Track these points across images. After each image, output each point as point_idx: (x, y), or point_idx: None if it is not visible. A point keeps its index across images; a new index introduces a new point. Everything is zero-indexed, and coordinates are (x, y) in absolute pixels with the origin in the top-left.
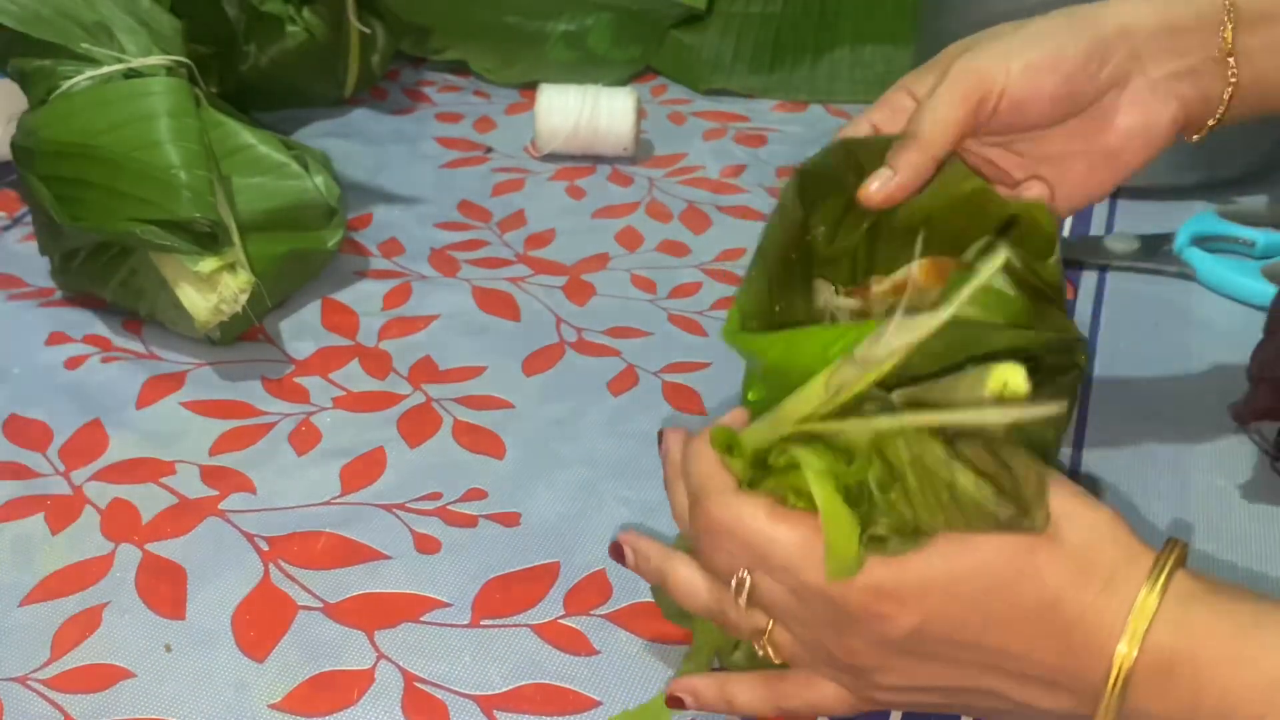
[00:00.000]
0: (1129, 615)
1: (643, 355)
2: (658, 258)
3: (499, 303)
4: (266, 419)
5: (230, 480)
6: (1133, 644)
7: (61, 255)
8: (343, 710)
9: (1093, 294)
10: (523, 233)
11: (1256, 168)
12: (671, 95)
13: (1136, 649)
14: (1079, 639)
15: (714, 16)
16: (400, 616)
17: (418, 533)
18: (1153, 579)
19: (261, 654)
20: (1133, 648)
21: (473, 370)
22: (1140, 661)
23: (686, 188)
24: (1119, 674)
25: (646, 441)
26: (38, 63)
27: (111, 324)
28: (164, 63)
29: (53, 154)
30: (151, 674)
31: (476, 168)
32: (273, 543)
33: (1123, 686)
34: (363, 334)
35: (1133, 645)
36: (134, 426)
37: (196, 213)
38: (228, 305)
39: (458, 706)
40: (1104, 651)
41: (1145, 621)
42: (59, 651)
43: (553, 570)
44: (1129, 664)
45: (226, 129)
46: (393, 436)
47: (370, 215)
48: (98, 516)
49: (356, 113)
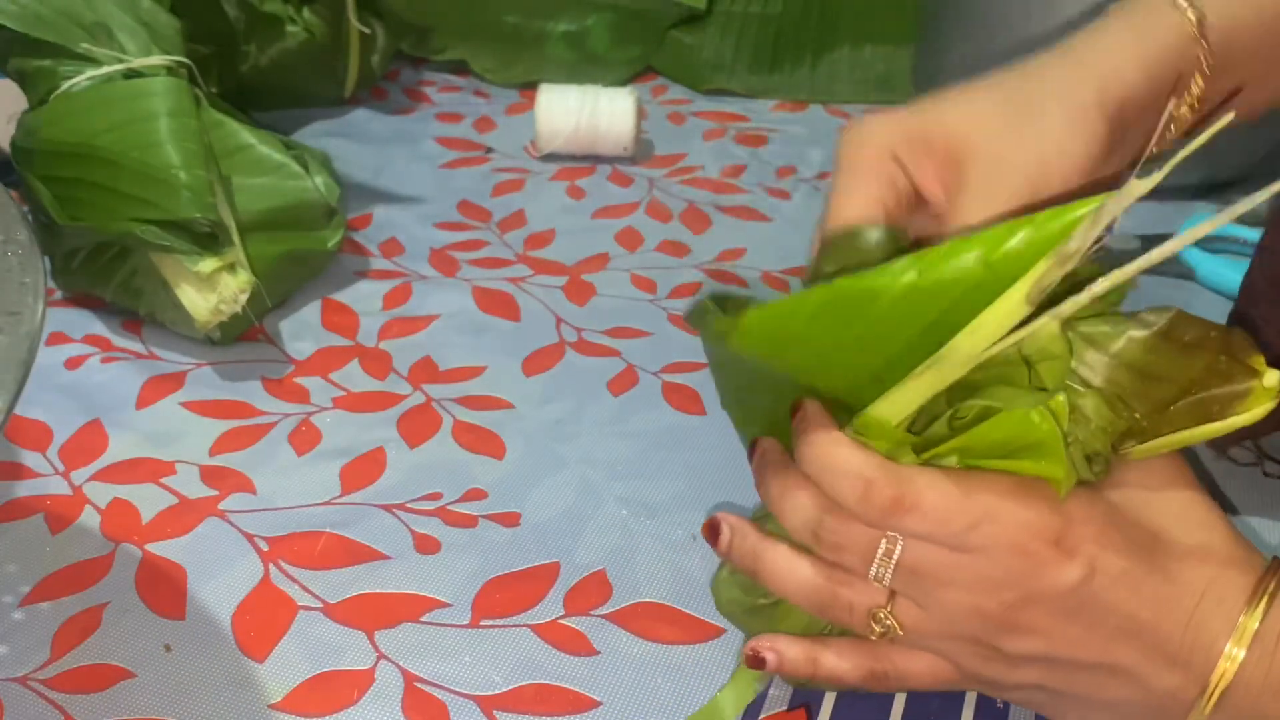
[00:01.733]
0: (1255, 591)
1: (643, 355)
2: (658, 258)
3: (499, 303)
4: (266, 419)
5: (230, 480)
6: (1254, 616)
7: (61, 255)
8: (343, 710)
9: None
10: (523, 233)
11: (1256, 168)
12: (671, 95)
13: (1259, 621)
14: (1210, 605)
15: (714, 16)
16: (400, 616)
17: (418, 533)
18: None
19: (261, 654)
20: (1254, 619)
21: (473, 370)
22: (1262, 631)
23: (686, 188)
24: (1240, 637)
25: (646, 441)
26: (38, 63)
27: (111, 324)
28: (164, 63)
29: (53, 154)
30: (151, 674)
31: (476, 168)
32: (273, 543)
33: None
34: (363, 334)
35: (1254, 617)
36: (134, 426)
37: (196, 213)
38: (228, 305)
39: (458, 706)
40: (1229, 616)
41: (1271, 597)
42: (59, 651)
43: (553, 570)
44: (1251, 631)
45: (226, 129)
46: (393, 436)
47: (370, 215)
48: (98, 516)
49: (356, 113)
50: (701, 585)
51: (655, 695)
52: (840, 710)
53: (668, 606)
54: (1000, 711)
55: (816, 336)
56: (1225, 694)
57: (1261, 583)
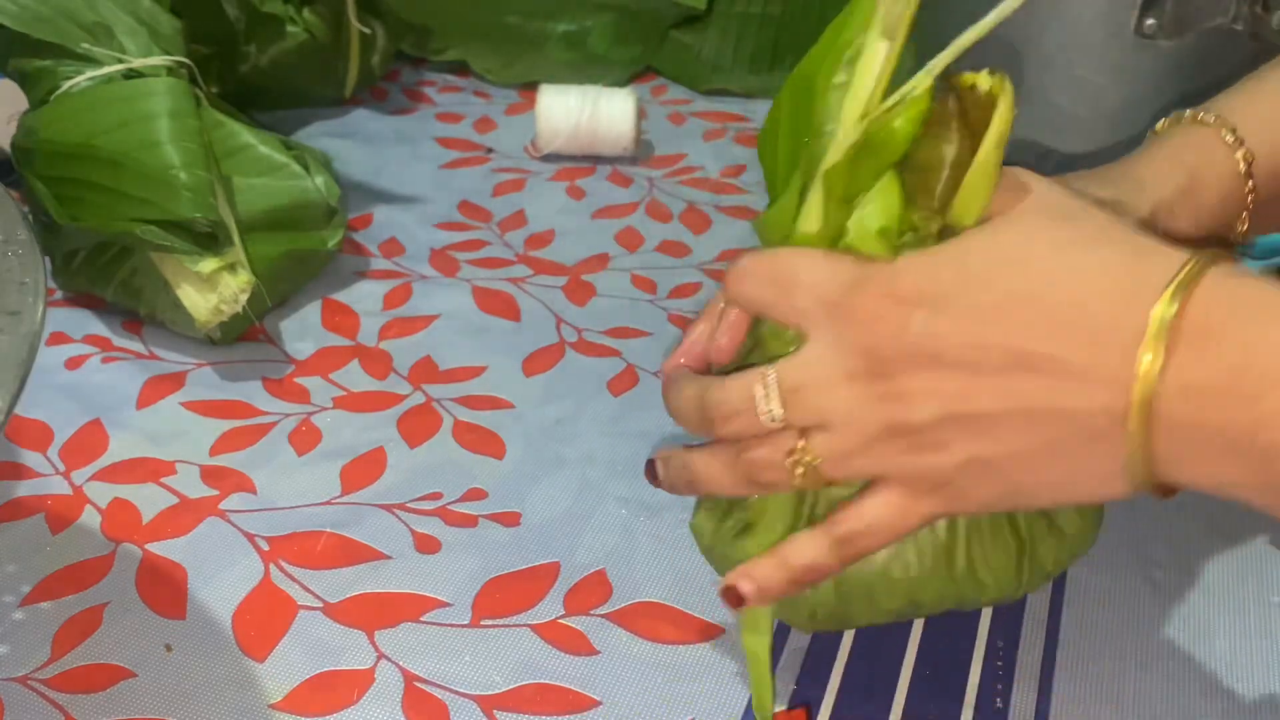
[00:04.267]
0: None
1: (643, 355)
2: (658, 258)
3: (499, 303)
4: (266, 419)
5: (230, 480)
6: (1170, 305)
7: (62, 255)
8: (343, 710)
9: None
10: (523, 233)
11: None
12: (671, 95)
13: (1175, 307)
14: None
15: (714, 17)
16: (400, 616)
17: (418, 533)
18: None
19: (262, 654)
20: (1170, 307)
21: (473, 370)
22: (1182, 324)
23: (686, 188)
24: (1155, 335)
25: (647, 441)
26: (38, 63)
27: (111, 324)
28: (164, 63)
29: (53, 154)
30: (152, 674)
31: (477, 168)
32: (273, 543)
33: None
34: (363, 334)
35: (1170, 305)
36: (134, 426)
37: (196, 213)
38: (228, 305)
39: (458, 706)
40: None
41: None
42: (59, 651)
43: (553, 570)
44: (1164, 323)
45: (227, 129)
46: (393, 436)
47: (370, 215)
48: (98, 516)
49: (356, 113)
50: (702, 585)
51: (655, 695)
52: (840, 709)
53: (668, 606)
54: (1000, 711)
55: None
56: (1152, 407)
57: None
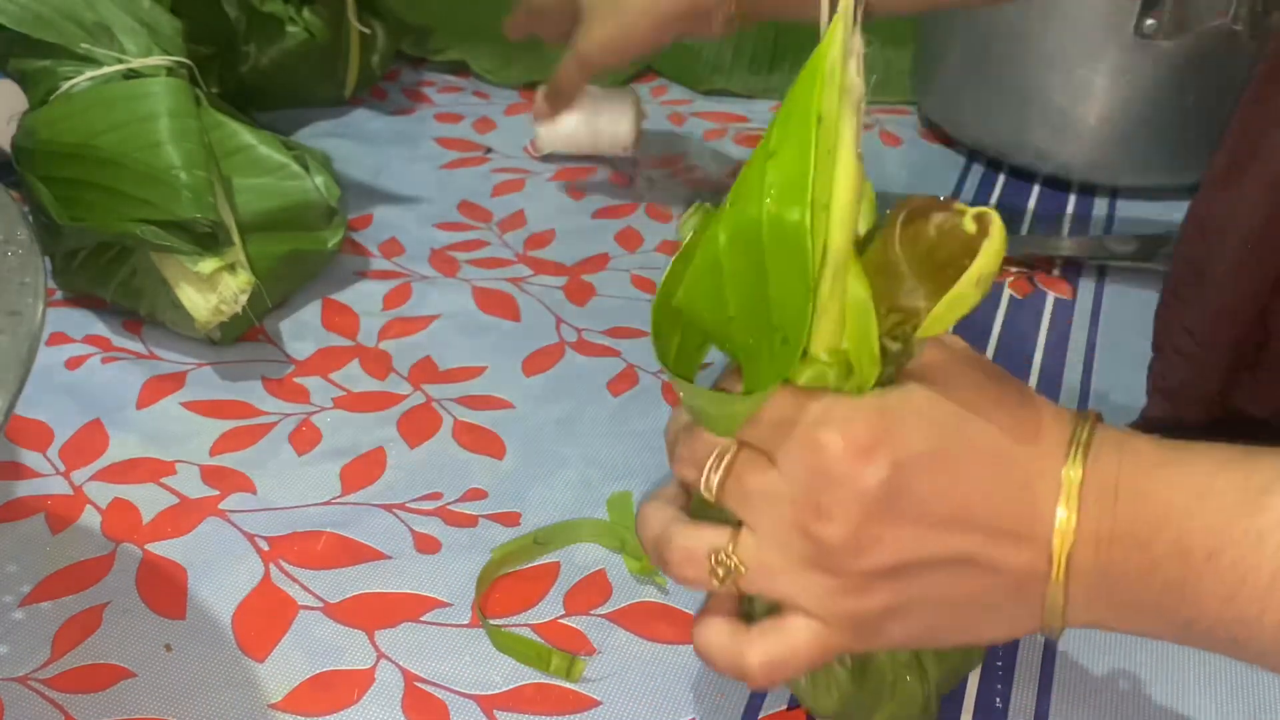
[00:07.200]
0: (1069, 444)
1: (643, 355)
2: (658, 258)
3: (499, 303)
4: (266, 419)
5: (230, 480)
6: (1076, 466)
7: (62, 255)
8: (343, 710)
9: (1092, 294)
10: (523, 233)
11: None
12: (671, 95)
13: (1081, 469)
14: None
15: None
16: (400, 616)
17: (418, 533)
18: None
19: (262, 654)
20: (1077, 468)
21: (473, 370)
22: (1087, 482)
23: (687, 188)
24: (1069, 494)
25: (646, 441)
26: (38, 63)
27: (111, 324)
28: (164, 63)
29: (53, 154)
30: (152, 674)
31: (476, 168)
32: (273, 543)
33: (1075, 513)
34: (363, 334)
35: (1076, 467)
36: (134, 426)
37: (196, 213)
38: (228, 305)
39: (458, 706)
40: (1055, 475)
41: (1084, 444)
42: (59, 651)
43: (553, 570)
44: (1076, 483)
45: (227, 129)
46: (393, 436)
47: (370, 215)
48: (98, 516)
49: (356, 113)
50: None
51: (655, 695)
52: None
53: (668, 606)
54: (1000, 711)
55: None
56: (1072, 559)
57: (1075, 434)
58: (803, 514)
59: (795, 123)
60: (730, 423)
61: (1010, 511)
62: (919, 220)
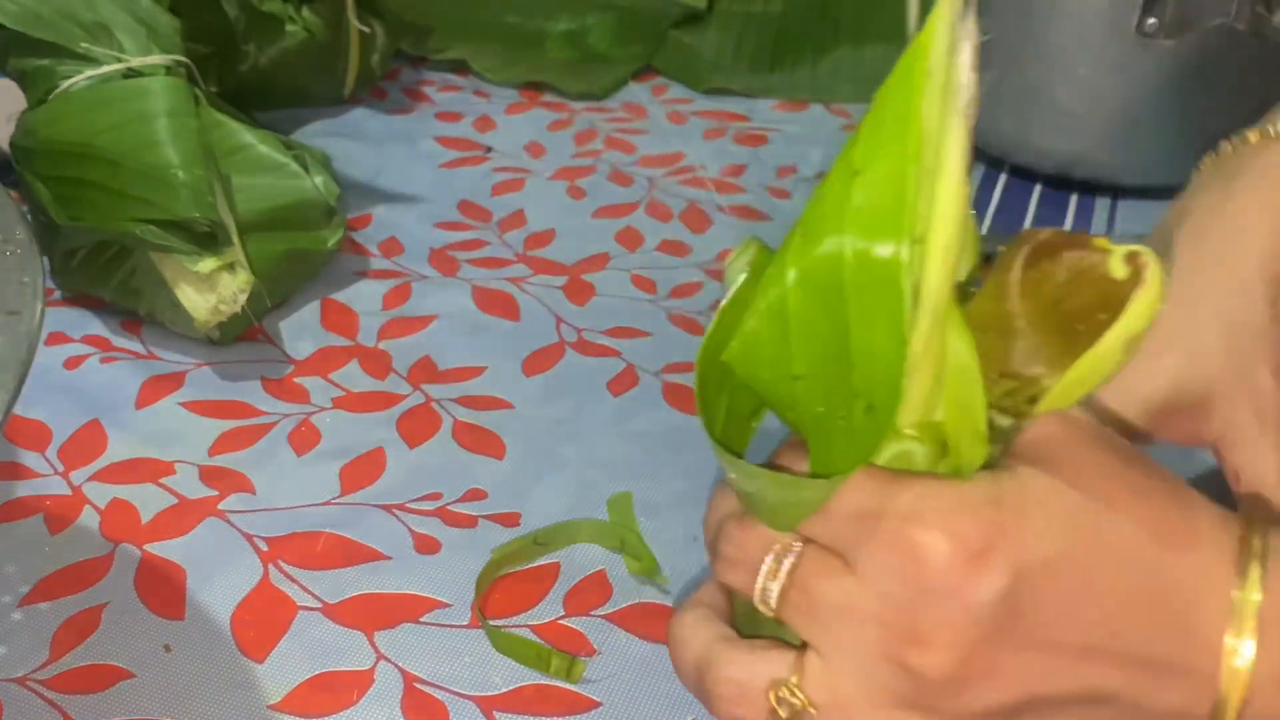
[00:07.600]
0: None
1: (643, 355)
2: (658, 258)
3: (499, 303)
4: (266, 419)
5: (230, 480)
6: (1253, 588)
7: (61, 255)
8: (342, 711)
9: None
10: (523, 233)
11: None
12: (671, 95)
13: (1259, 590)
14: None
15: (714, 16)
16: (400, 617)
17: (418, 533)
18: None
19: (261, 654)
20: (1253, 591)
21: (473, 370)
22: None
23: (686, 188)
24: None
25: (646, 441)
26: (37, 63)
27: (110, 324)
28: (163, 62)
29: (52, 153)
30: (151, 674)
31: (476, 167)
32: (272, 543)
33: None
34: (362, 334)
35: (1253, 589)
36: (133, 426)
37: (196, 212)
38: (227, 305)
39: (458, 707)
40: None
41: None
42: (59, 651)
43: (553, 570)
44: (1254, 606)
45: (226, 129)
46: (392, 436)
47: (370, 215)
48: (97, 516)
49: (356, 113)
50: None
51: (655, 695)
52: None
53: (668, 607)
54: None
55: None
56: (1246, 704)
57: (1246, 542)
58: (893, 638)
59: (888, 133)
60: (794, 513)
61: (1163, 637)
62: (1044, 260)
